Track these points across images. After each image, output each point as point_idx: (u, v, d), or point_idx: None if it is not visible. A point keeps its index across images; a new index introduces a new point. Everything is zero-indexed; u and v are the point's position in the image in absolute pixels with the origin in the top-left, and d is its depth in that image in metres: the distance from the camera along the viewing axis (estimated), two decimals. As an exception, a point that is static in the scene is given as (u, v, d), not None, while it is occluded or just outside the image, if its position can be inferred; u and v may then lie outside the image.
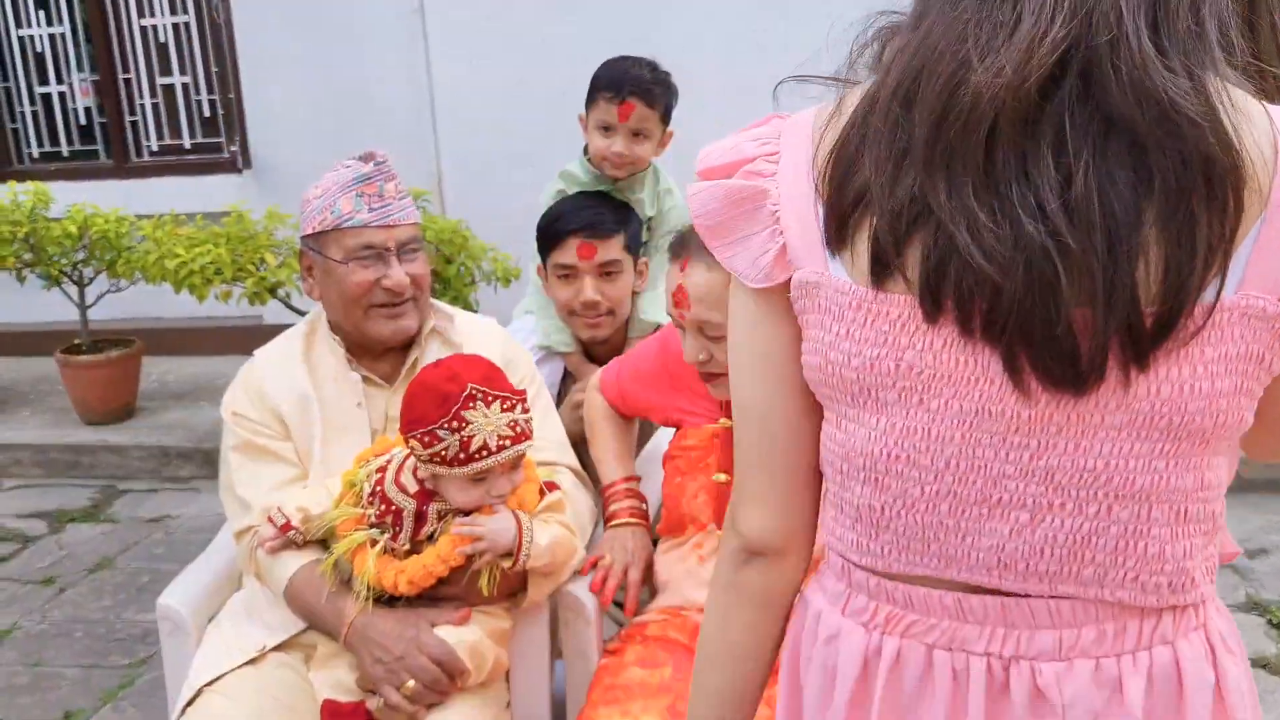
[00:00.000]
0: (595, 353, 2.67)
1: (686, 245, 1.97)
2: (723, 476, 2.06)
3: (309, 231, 2.20)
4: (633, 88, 2.63)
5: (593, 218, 2.54)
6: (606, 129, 2.67)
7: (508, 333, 2.39)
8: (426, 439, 1.88)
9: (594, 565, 2.16)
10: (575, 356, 2.70)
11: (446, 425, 1.86)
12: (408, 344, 2.26)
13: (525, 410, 1.95)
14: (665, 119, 2.71)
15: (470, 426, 1.87)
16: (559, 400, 2.73)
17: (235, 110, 6.18)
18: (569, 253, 2.54)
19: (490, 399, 1.89)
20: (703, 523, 2.08)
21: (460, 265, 4.65)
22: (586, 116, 2.74)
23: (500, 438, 1.89)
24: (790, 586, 1.17)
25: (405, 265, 2.16)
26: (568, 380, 2.74)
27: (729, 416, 2.08)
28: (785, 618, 1.18)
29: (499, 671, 2.05)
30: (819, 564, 1.18)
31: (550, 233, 2.58)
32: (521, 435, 1.94)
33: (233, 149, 6.28)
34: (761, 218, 1.08)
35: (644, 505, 2.26)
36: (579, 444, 2.54)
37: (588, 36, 5.60)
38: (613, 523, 2.21)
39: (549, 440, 2.28)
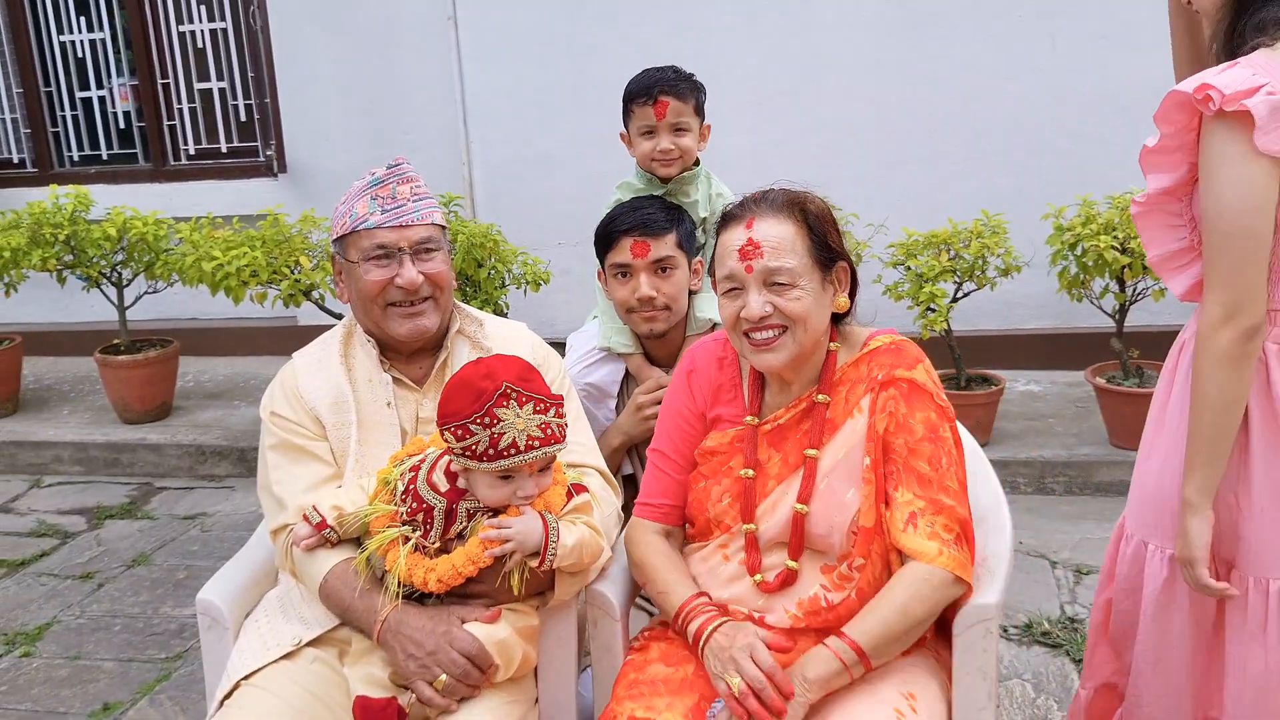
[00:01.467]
0: (655, 354, 2.74)
1: (747, 206, 2.04)
2: (749, 472, 2.09)
3: (335, 236, 2.29)
4: (662, 87, 2.75)
5: (644, 218, 2.65)
6: (649, 132, 2.79)
7: (537, 337, 2.44)
8: (459, 432, 1.94)
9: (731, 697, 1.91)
10: (636, 358, 2.78)
11: (479, 420, 1.92)
12: (436, 346, 2.31)
13: (560, 415, 2.00)
14: (699, 113, 2.82)
15: (501, 424, 1.92)
16: (619, 401, 2.81)
17: (271, 115, 6.28)
18: (624, 252, 2.64)
19: (524, 399, 1.94)
20: (727, 525, 2.11)
21: (491, 269, 4.70)
22: (627, 132, 2.84)
23: (530, 438, 1.94)
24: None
25: (420, 264, 2.22)
26: (629, 382, 2.82)
27: (756, 414, 2.12)
28: None
29: (528, 667, 2.10)
30: None
31: (606, 235, 2.69)
32: (551, 438, 1.98)
33: (268, 153, 6.38)
34: None
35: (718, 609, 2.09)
36: (636, 446, 2.65)
37: (617, 44, 5.68)
38: (703, 637, 1.99)
39: (578, 443, 2.33)
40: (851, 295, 2.11)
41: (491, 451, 1.93)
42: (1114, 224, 4.31)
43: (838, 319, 2.12)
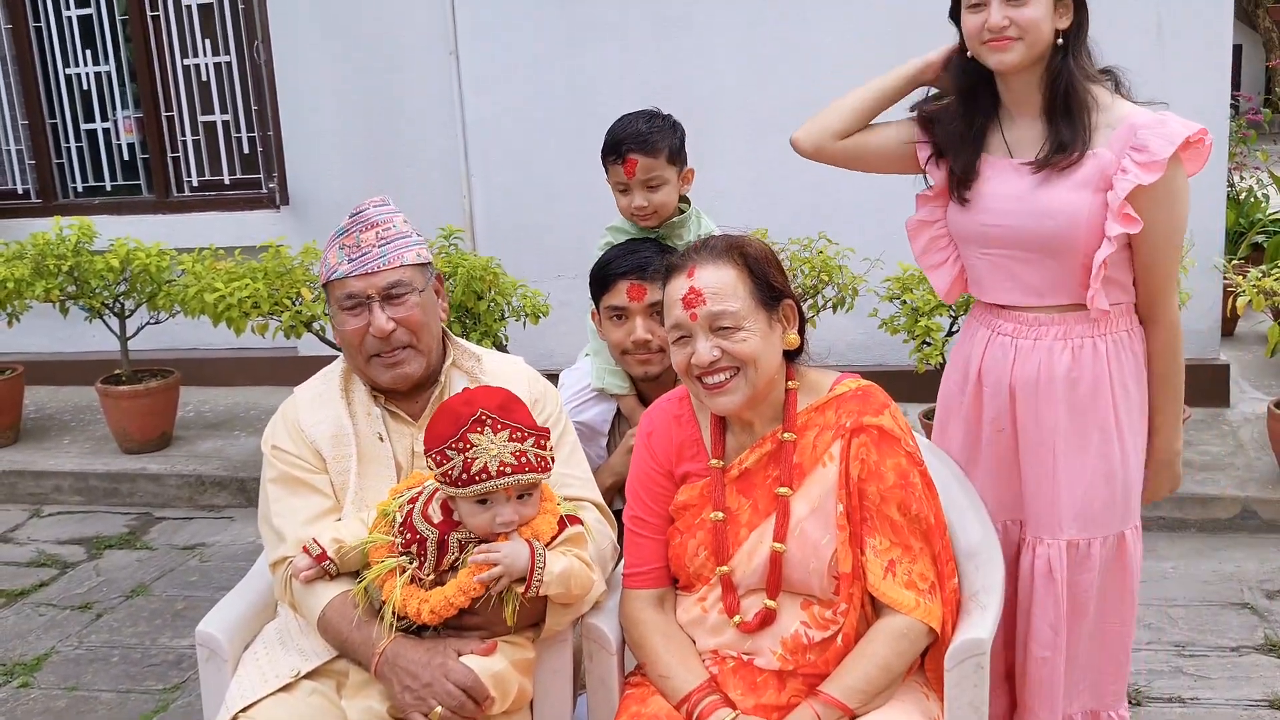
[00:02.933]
0: (649, 395, 2.77)
1: (688, 256, 2.09)
2: (719, 515, 2.12)
3: (320, 284, 2.33)
4: (629, 144, 2.73)
5: (641, 261, 2.66)
6: (623, 189, 2.79)
7: (535, 372, 2.47)
8: (438, 458, 1.99)
9: None
10: (630, 399, 2.80)
11: (454, 445, 1.97)
12: (431, 381, 2.35)
13: (540, 445, 2.03)
14: (674, 159, 2.79)
15: (474, 449, 1.97)
16: (611, 442, 2.83)
17: (274, 147, 6.34)
18: (620, 295, 2.66)
19: (500, 426, 1.98)
20: (706, 576, 2.14)
21: (491, 301, 4.74)
22: (609, 183, 2.85)
23: (502, 463, 1.98)
24: None
25: (392, 310, 2.23)
26: (620, 422, 2.84)
27: (720, 458, 2.16)
28: None
29: (523, 700, 2.12)
30: None
31: (601, 278, 2.71)
32: (525, 466, 2.01)
33: (271, 185, 6.43)
34: None
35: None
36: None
37: (616, 76, 5.74)
38: None
39: (575, 477, 2.36)
40: (801, 331, 2.14)
41: (465, 476, 1.97)
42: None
43: (793, 356, 2.15)
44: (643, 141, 2.73)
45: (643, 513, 2.22)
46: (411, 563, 2.07)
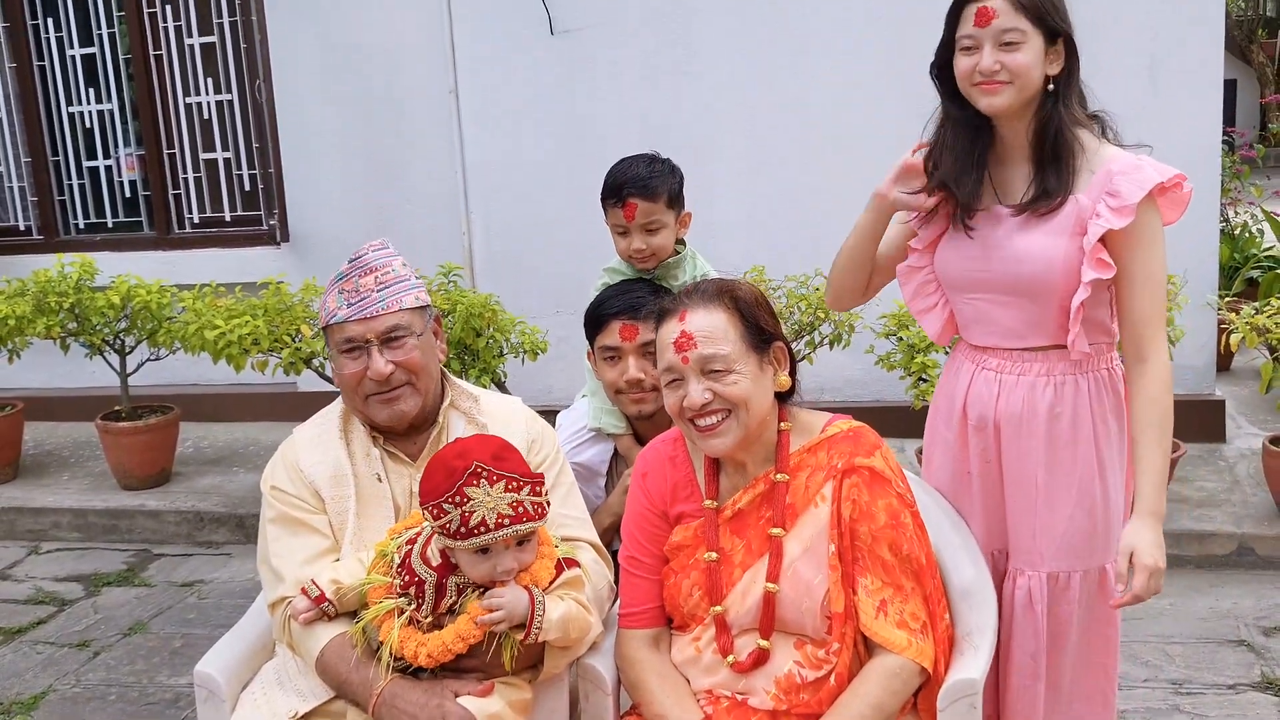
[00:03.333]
0: (645, 435, 2.79)
1: (679, 300, 2.12)
2: (713, 555, 2.14)
3: (320, 327, 2.36)
4: (629, 188, 2.77)
5: (633, 301, 2.70)
6: (623, 232, 2.83)
7: (532, 413, 2.49)
8: (435, 511, 2.00)
9: None
10: (626, 439, 2.82)
11: (450, 499, 1.98)
12: (430, 422, 2.37)
13: (535, 493, 2.05)
14: (673, 204, 2.83)
15: (471, 502, 1.98)
16: (609, 482, 2.85)
17: (275, 185, 6.39)
18: (613, 335, 2.69)
19: (495, 477, 2.00)
20: (700, 616, 2.16)
21: (489, 338, 4.77)
22: (608, 225, 2.89)
23: (500, 515, 1.99)
24: None
25: (390, 353, 2.27)
26: (617, 462, 2.86)
27: (714, 498, 2.18)
28: None
29: (520, 741, 2.13)
30: None
31: (595, 318, 2.75)
32: (523, 516, 2.03)
33: (271, 223, 6.48)
34: None
35: None
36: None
37: (614, 116, 5.80)
38: None
39: (572, 517, 2.38)
40: (792, 373, 2.16)
41: (463, 529, 1.99)
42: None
43: (785, 398, 2.18)
44: (643, 186, 2.77)
45: (638, 553, 2.24)
46: (409, 604, 2.08)
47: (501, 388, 4.83)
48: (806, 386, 2.26)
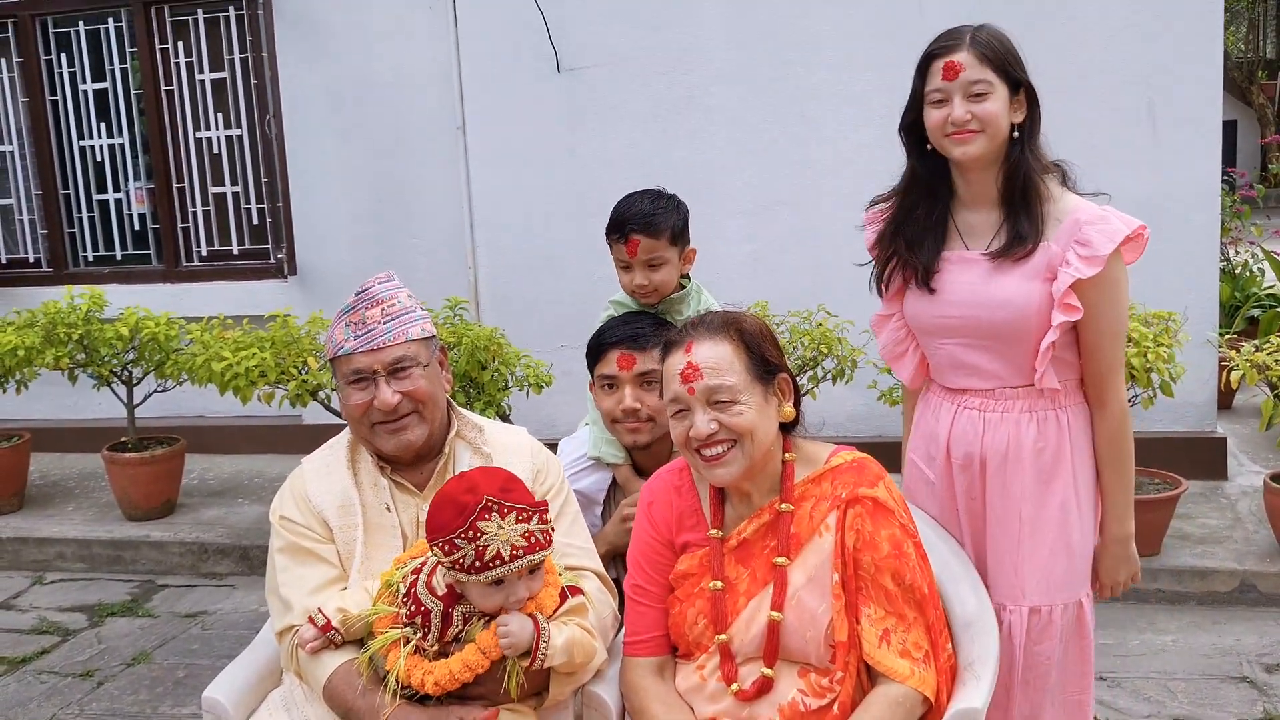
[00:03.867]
0: (642, 465, 2.81)
1: (685, 332, 2.15)
2: (718, 584, 2.16)
3: (327, 359, 2.40)
4: (633, 225, 2.80)
5: (634, 332, 2.73)
6: (625, 267, 2.87)
7: (537, 443, 2.52)
8: (446, 547, 2.02)
9: None
10: (624, 469, 2.84)
11: (463, 535, 2.00)
12: (436, 452, 2.40)
13: (543, 521, 2.08)
14: (677, 240, 2.85)
15: (485, 537, 2.00)
16: (606, 511, 2.87)
17: (283, 219, 6.45)
18: (611, 364, 2.73)
19: (506, 510, 2.02)
20: (705, 644, 2.18)
21: (494, 371, 4.81)
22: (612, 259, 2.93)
23: (514, 548, 2.02)
24: None
25: (397, 384, 2.30)
26: (615, 492, 2.88)
27: (719, 528, 2.20)
28: None
29: (525, 767, 2.15)
30: None
31: (596, 347, 2.79)
32: (535, 545, 2.05)
33: (279, 256, 6.53)
34: None
35: None
36: (622, 556, 2.65)
37: (619, 154, 5.87)
38: None
39: (576, 546, 2.40)
40: (796, 404, 2.19)
41: (478, 564, 2.01)
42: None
43: (789, 429, 2.21)
44: (646, 222, 2.80)
45: (643, 581, 2.26)
46: (415, 633, 2.10)
47: (506, 420, 4.85)
48: (809, 421, 2.29)
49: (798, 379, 2.30)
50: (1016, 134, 2.31)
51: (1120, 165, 5.17)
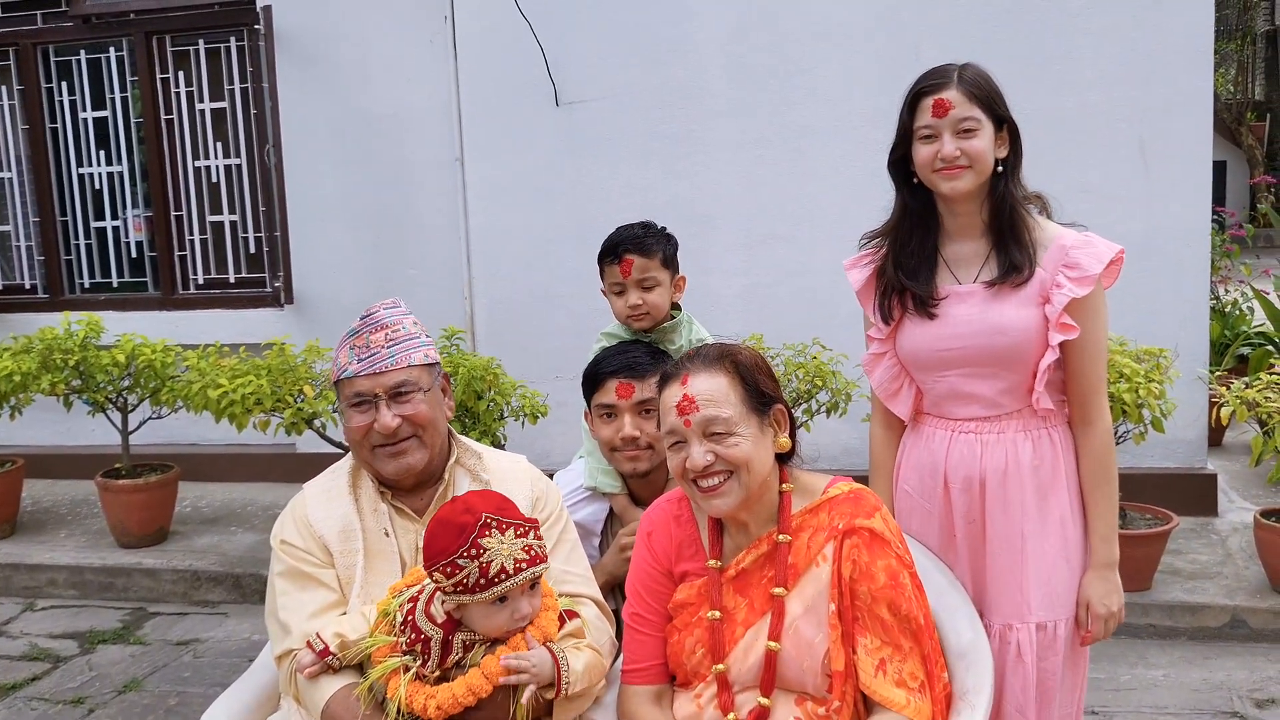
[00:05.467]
0: (640, 494, 2.83)
1: (681, 364, 2.18)
2: (716, 614, 2.18)
3: (332, 381, 2.42)
4: (626, 245, 2.91)
5: (630, 360, 2.77)
6: (619, 290, 2.93)
7: (536, 470, 2.54)
8: (449, 569, 2.04)
9: None
10: (621, 498, 2.87)
11: (466, 554, 2.03)
12: (436, 479, 2.42)
13: (538, 536, 2.12)
14: (668, 265, 2.94)
15: (488, 553, 2.03)
16: (603, 541, 2.89)
17: (280, 248, 6.48)
18: (609, 393, 2.75)
19: (505, 526, 2.06)
20: (703, 674, 2.19)
21: (490, 401, 4.82)
22: (605, 289, 2.97)
23: (517, 561, 2.06)
24: None
25: (398, 408, 2.33)
26: (613, 522, 2.90)
27: (718, 558, 2.22)
28: None
29: (524, 794, 2.15)
30: None
31: (592, 377, 2.82)
32: (536, 558, 2.10)
33: (276, 284, 6.56)
34: None
35: None
36: (620, 585, 2.67)
37: (617, 188, 5.91)
38: None
39: (575, 574, 2.42)
40: (792, 435, 2.22)
41: (483, 581, 2.03)
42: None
43: (785, 459, 2.23)
44: (639, 244, 2.90)
45: (642, 610, 2.27)
46: (415, 661, 2.12)
47: (500, 449, 4.87)
48: (804, 454, 2.32)
49: (793, 410, 2.33)
50: (1000, 168, 2.40)
51: (1113, 203, 5.24)
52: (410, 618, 2.14)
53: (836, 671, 2.09)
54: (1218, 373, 6.01)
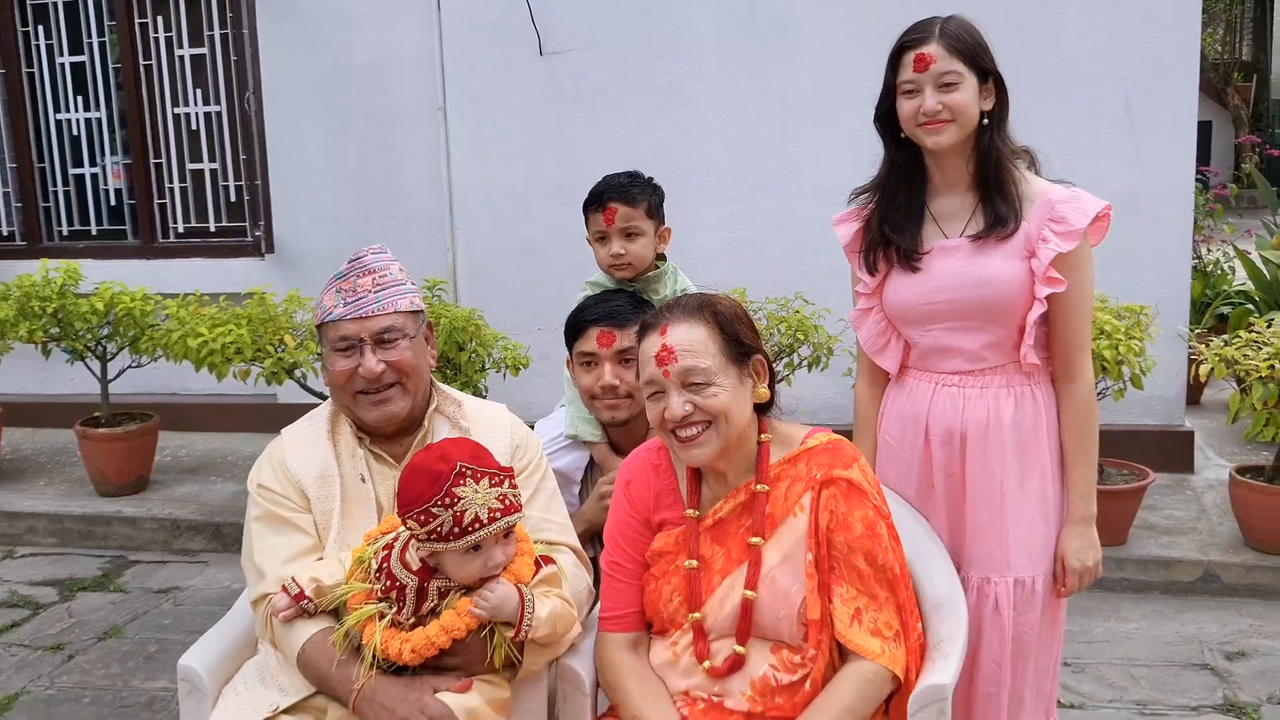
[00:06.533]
0: (620, 443, 2.84)
1: (661, 314, 2.17)
2: (693, 563, 2.19)
3: (315, 324, 2.41)
4: (611, 193, 2.89)
5: (613, 309, 2.77)
6: (602, 238, 2.92)
7: (517, 419, 2.53)
8: (422, 517, 2.03)
9: None
10: (601, 447, 2.87)
11: (440, 502, 2.02)
12: (415, 425, 2.41)
13: (513, 485, 2.12)
14: (653, 215, 2.93)
15: (462, 502, 2.02)
16: (583, 489, 2.89)
17: (261, 197, 6.43)
18: (590, 341, 2.75)
19: (479, 475, 2.05)
20: (680, 621, 2.20)
21: (472, 352, 4.81)
22: (589, 237, 2.96)
23: (491, 510, 2.05)
24: None
25: (383, 353, 2.32)
26: (593, 470, 2.91)
27: (696, 508, 2.23)
28: None
29: (498, 738, 2.17)
30: None
31: (574, 325, 2.81)
32: (511, 507, 2.09)
33: (257, 233, 6.51)
34: None
35: None
36: (599, 534, 2.67)
37: (599, 140, 5.87)
38: None
39: (553, 522, 2.42)
40: (771, 386, 2.22)
41: (457, 529, 2.03)
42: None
43: (765, 410, 2.23)
44: (624, 192, 2.89)
45: (620, 558, 2.28)
46: (390, 608, 2.12)
47: (482, 402, 4.88)
48: (785, 407, 2.32)
49: (774, 363, 2.33)
50: (986, 121, 2.38)
51: (1098, 161, 5.23)
52: (385, 565, 2.14)
53: (812, 620, 2.10)
54: (1197, 331, 6.04)
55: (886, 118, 2.48)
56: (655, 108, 5.83)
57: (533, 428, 2.94)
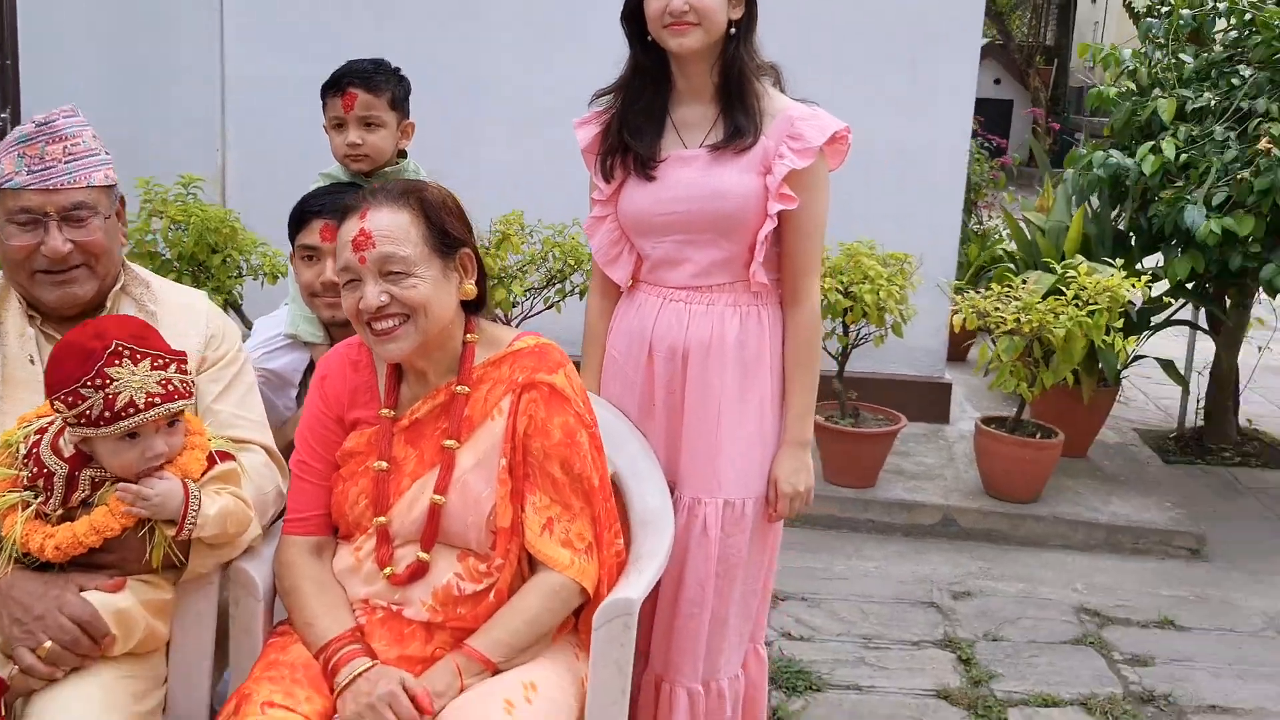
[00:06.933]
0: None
1: (363, 198, 2.02)
2: (383, 464, 2.07)
3: None
4: (352, 78, 2.73)
5: (338, 201, 2.55)
6: (339, 125, 2.75)
7: (215, 306, 2.34)
8: (70, 399, 1.85)
9: None
10: (323, 348, 2.69)
11: (90, 383, 1.84)
12: (96, 306, 2.19)
13: (182, 370, 1.93)
14: (396, 107, 2.77)
15: (116, 384, 1.84)
16: (301, 391, 2.71)
17: (10, 76, 5.89)
18: (313, 234, 2.58)
19: (139, 356, 1.88)
20: (365, 525, 2.08)
21: (226, 256, 4.54)
22: (326, 124, 2.78)
23: (149, 395, 1.87)
24: None
25: (70, 231, 2.08)
26: (313, 372, 2.72)
27: (392, 408, 2.10)
28: None
29: (155, 643, 1.99)
30: None
31: (298, 216, 2.63)
32: (175, 394, 1.91)
33: (3, 116, 5.97)
34: None
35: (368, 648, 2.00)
36: None
37: (384, 45, 5.49)
38: (344, 679, 1.91)
39: (246, 419, 2.24)
40: (480, 282, 2.11)
41: (108, 414, 1.85)
42: (840, 269, 4.50)
43: (474, 309, 2.12)
44: (366, 78, 2.73)
45: (309, 457, 2.14)
46: (36, 498, 1.93)
47: (237, 309, 4.62)
48: (554, 334, 2.22)
49: (546, 291, 2.20)
50: (734, 30, 2.32)
51: (880, 112, 5.30)
52: (35, 450, 1.94)
53: (501, 528, 2.02)
54: (958, 284, 6.24)
55: (633, 16, 2.39)
56: (449, 23, 5.61)
57: (251, 326, 2.76)
